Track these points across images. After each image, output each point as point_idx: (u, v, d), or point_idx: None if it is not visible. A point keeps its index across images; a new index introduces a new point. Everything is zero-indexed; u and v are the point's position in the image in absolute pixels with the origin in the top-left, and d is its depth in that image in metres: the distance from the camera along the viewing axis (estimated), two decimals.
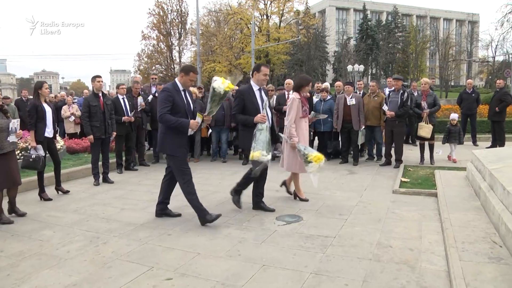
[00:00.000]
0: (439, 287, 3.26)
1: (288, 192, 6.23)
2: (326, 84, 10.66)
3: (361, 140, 8.92)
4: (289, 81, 9.46)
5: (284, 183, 6.30)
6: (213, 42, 43.49)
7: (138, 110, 9.02)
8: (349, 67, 38.94)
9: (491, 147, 10.26)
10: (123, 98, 8.46)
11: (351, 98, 8.77)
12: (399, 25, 64.60)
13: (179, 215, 5.35)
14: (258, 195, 5.58)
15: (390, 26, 63.56)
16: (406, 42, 61.34)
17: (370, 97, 9.09)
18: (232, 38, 43.43)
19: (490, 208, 4.66)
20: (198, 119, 4.90)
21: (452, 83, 62.28)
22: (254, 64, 31.50)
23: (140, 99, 9.26)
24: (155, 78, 11.24)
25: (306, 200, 5.97)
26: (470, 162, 6.88)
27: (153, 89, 10.44)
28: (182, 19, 46.01)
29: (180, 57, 47.20)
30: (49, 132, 6.40)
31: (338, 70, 55.57)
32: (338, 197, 6.23)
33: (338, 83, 10.44)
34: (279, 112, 8.99)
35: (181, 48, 46.78)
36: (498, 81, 11.61)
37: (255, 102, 5.37)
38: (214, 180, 7.68)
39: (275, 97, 9.51)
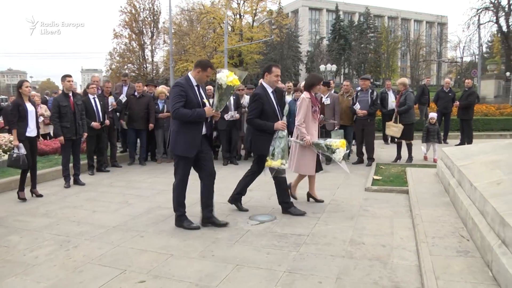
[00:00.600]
0: (411, 282, 3.34)
1: (293, 196, 5.90)
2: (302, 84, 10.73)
3: None
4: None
5: (310, 195, 6.03)
6: (186, 41, 43.16)
7: (110, 110, 8.89)
8: (322, 67, 39.25)
9: (459, 144, 10.55)
10: (94, 98, 8.30)
11: (326, 97, 8.85)
12: (371, 26, 65.62)
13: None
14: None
15: (362, 26, 64.50)
16: (378, 43, 62.41)
17: (344, 97, 9.20)
18: (205, 37, 43.21)
19: (458, 203, 4.81)
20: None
21: (423, 82, 63.68)
22: (227, 64, 31.57)
23: (111, 99, 9.13)
24: (125, 80, 10.96)
25: (322, 201, 5.84)
26: (440, 159, 7.06)
27: (125, 89, 10.28)
28: (155, 17, 45.59)
29: (152, 56, 46.79)
30: (30, 131, 6.32)
31: (311, 69, 55.89)
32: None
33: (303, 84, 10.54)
34: None
35: (153, 47, 46.37)
36: (466, 81, 12.05)
37: (272, 105, 5.19)
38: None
39: (246, 97, 9.47)
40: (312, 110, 5.59)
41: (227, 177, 7.65)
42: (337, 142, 5.39)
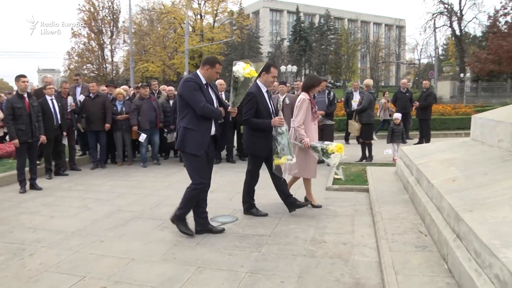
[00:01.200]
0: (371, 278, 3.42)
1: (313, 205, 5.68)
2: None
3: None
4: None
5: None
6: (146, 41, 42.46)
7: (68, 111, 8.59)
8: (283, 68, 39.55)
9: (418, 143, 10.88)
10: (51, 100, 7.99)
11: (285, 98, 8.89)
12: (331, 27, 66.79)
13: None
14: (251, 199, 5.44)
15: (323, 28, 65.55)
16: (338, 44, 63.60)
17: None
18: (165, 37, 42.68)
19: (417, 200, 4.95)
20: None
21: (383, 84, 65.32)
22: (187, 65, 31.28)
23: (70, 99, 8.82)
24: (77, 80, 10.41)
25: (319, 206, 5.61)
26: (399, 158, 7.25)
27: (78, 90, 9.90)
28: (114, 16, 44.51)
29: (112, 56, 45.71)
30: None
31: None
32: (272, 195, 6.25)
33: (279, 86, 10.55)
34: None
35: (113, 47, 45.30)
36: (424, 82, 12.48)
37: (266, 104, 5.04)
38: (148, 182, 7.49)
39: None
40: (312, 111, 5.50)
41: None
42: (333, 146, 5.23)
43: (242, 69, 4.39)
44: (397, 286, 3.02)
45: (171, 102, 9.59)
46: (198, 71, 4.51)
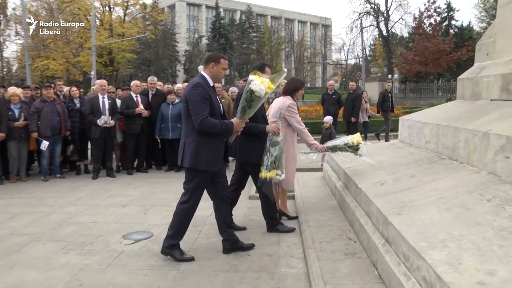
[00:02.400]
0: None
1: (288, 216, 5.58)
2: (179, 86, 10.61)
3: None
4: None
5: (282, 213, 5.63)
6: (45, 34, 40.10)
7: None
8: (201, 68, 39.48)
9: None
10: None
11: None
12: (253, 25, 67.92)
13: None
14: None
15: (244, 25, 66.46)
16: (261, 43, 64.81)
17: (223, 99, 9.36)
18: (68, 31, 40.68)
19: (345, 206, 5.17)
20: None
21: (308, 85, 67.62)
22: (95, 63, 30.16)
23: None
24: None
25: (296, 217, 5.49)
26: (326, 162, 7.52)
27: None
28: (1, 1, 41.57)
29: (1, 50, 42.69)
30: None
31: (190, 70, 56.09)
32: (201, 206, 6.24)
33: (178, 86, 10.48)
34: (128, 116, 8.82)
35: (1, 40, 42.34)
36: (350, 84, 13.08)
37: (261, 108, 4.81)
38: (49, 199, 7.04)
39: (118, 100, 9.14)
40: None
41: (98, 192, 7.29)
42: (354, 138, 5.28)
43: (261, 84, 4.23)
44: None
45: (76, 102, 9.12)
46: (202, 73, 4.30)
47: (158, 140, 9.23)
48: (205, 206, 6.17)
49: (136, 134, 8.92)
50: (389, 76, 43.68)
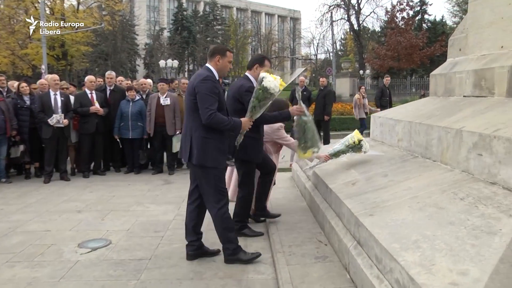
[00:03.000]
0: None
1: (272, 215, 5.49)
2: (143, 80, 10.42)
3: (176, 147, 8.90)
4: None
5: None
6: None
7: None
8: (162, 62, 39.05)
9: (324, 143, 11.47)
10: None
11: (165, 97, 8.82)
12: (218, 17, 67.77)
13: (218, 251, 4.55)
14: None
15: (208, 18, 66.24)
16: (226, 36, 64.74)
17: (182, 97, 9.28)
18: (13, 19, 39.40)
19: (315, 207, 5.24)
20: None
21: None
22: (45, 56, 29.38)
23: None
24: None
25: (263, 221, 5.41)
26: (295, 162, 7.58)
27: None
28: None
29: None
30: None
31: (150, 65, 55.57)
32: (152, 211, 6.21)
33: (143, 80, 10.38)
34: (82, 115, 8.64)
35: None
36: (321, 80, 13.17)
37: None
38: None
39: (70, 97, 8.93)
40: None
41: (50, 197, 7.13)
42: (354, 137, 5.33)
43: (274, 80, 4.29)
44: None
45: (26, 99, 8.81)
46: (208, 65, 4.25)
47: (117, 140, 9.10)
48: (168, 210, 6.20)
49: (91, 134, 8.75)
50: (361, 71, 44.44)
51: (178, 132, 8.79)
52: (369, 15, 50.13)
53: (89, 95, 8.80)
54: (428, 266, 2.50)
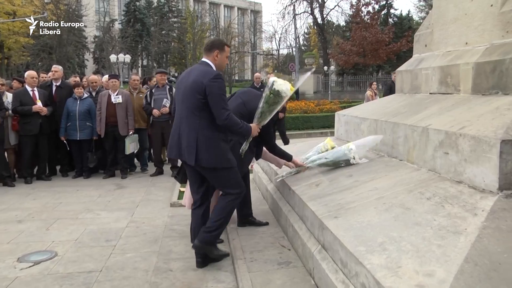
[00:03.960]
0: None
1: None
2: (94, 77, 10.16)
3: (129, 148, 8.83)
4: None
5: None
6: None
7: None
8: (113, 57, 38.49)
9: (285, 144, 11.53)
10: None
11: (116, 95, 8.70)
12: (173, 9, 67.11)
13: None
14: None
15: (163, 9, 65.53)
16: (183, 30, 64.26)
17: (133, 95, 9.23)
18: None
19: (278, 210, 5.29)
20: None
21: (237, 77, 68.10)
22: None
23: None
24: None
25: None
26: (256, 163, 7.63)
27: None
28: None
29: None
30: None
31: (100, 60, 54.61)
32: (103, 219, 6.12)
33: (93, 77, 10.12)
34: (23, 115, 8.35)
35: None
36: (256, 76, 13.23)
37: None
38: None
39: (9, 94, 8.58)
40: None
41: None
42: (327, 144, 5.29)
43: (285, 84, 4.39)
44: None
45: None
46: (206, 60, 4.27)
47: (64, 142, 8.92)
48: (120, 217, 6.14)
49: (34, 135, 8.51)
50: (325, 67, 45.01)
51: (131, 133, 8.71)
52: (333, 8, 51.02)
53: (31, 93, 8.51)
54: (395, 268, 2.57)
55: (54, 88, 9.11)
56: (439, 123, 3.88)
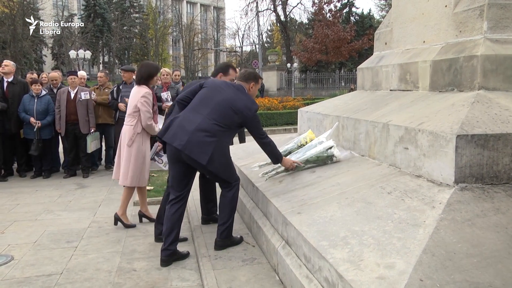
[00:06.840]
0: None
1: (149, 218, 5.77)
2: (54, 75, 9.89)
3: (91, 147, 8.70)
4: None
5: (143, 215, 5.86)
6: None
7: None
8: (73, 53, 37.76)
9: (240, 142, 11.57)
10: None
11: (82, 92, 8.61)
12: (135, 4, 66.26)
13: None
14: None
15: (124, 4, 64.66)
16: (145, 26, 63.68)
17: (100, 90, 9.22)
18: None
19: (242, 207, 5.34)
20: None
21: (200, 74, 67.79)
22: None
23: None
24: None
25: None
26: None
27: None
28: None
29: None
30: None
31: (59, 56, 53.49)
32: (64, 219, 6.04)
33: (54, 75, 9.89)
34: None
35: None
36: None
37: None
38: None
39: None
40: (153, 110, 5.51)
41: None
42: (306, 137, 5.22)
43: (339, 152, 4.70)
44: None
45: None
46: (243, 85, 4.53)
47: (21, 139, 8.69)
48: (82, 217, 6.07)
49: None
50: (288, 65, 45.33)
51: (92, 131, 8.61)
52: (296, 6, 51.45)
53: None
54: (357, 262, 2.64)
55: (5, 84, 8.69)
56: (399, 119, 3.98)
